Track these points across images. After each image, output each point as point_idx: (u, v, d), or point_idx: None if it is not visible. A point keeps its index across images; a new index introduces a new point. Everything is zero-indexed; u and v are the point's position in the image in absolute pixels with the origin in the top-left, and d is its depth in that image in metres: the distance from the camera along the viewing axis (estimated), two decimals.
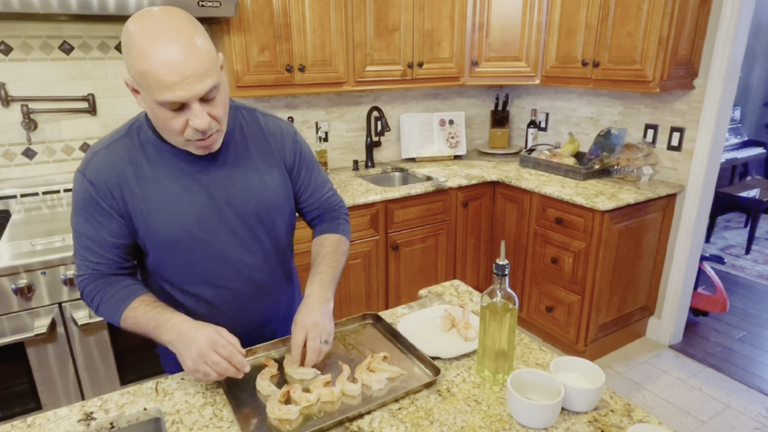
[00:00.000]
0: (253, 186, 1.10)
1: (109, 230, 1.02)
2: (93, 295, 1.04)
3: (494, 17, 2.88)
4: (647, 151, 2.66)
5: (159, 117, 0.92)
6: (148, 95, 0.89)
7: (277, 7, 2.29)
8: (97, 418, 0.94)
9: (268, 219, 1.13)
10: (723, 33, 2.36)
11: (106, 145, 1.02)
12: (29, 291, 1.66)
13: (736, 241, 4.45)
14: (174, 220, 1.02)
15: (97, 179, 0.99)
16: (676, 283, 2.73)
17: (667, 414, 2.31)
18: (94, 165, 1.00)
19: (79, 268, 1.05)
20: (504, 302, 0.99)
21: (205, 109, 0.93)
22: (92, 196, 1.00)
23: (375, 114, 3.02)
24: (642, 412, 0.95)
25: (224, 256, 1.09)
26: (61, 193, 2.23)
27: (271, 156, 1.14)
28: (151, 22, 0.87)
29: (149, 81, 0.87)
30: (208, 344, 0.92)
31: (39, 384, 1.75)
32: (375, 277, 2.60)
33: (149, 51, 0.85)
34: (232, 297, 1.13)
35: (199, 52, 0.88)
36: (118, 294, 1.02)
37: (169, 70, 0.85)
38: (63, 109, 2.20)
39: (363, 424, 0.92)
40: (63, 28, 2.13)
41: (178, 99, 0.88)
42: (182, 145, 0.98)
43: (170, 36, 0.86)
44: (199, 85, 0.89)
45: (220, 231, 1.07)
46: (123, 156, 1.01)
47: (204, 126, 0.92)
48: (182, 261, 1.07)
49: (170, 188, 1.02)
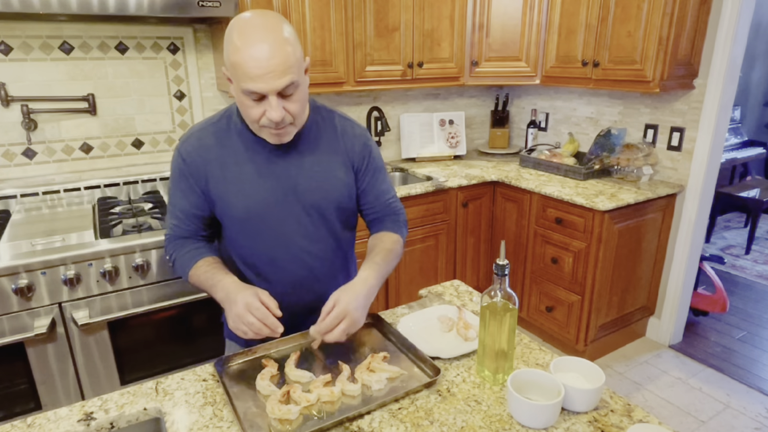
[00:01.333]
0: (318, 179, 1.19)
1: (191, 201, 1.17)
2: (171, 252, 1.21)
3: (494, 17, 2.88)
4: (647, 151, 2.66)
5: (243, 103, 1.05)
6: (237, 84, 1.02)
7: (277, 7, 2.29)
8: (97, 418, 0.94)
9: (328, 212, 1.21)
10: (723, 33, 2.36)
11: (201, 127, 1.17)
12: (29, 291, 1.66)
13: (736, 241, 4.45)
14: (244, 201, 1.14)
15: (188, 157, 1.14)
16: (676, 283, 2.73)
17: (667, 414, 2.31)
18: (188, 144, 1.16)
19: (167, 228, 1.22)
20: (504, 302, 0.99)
21: (282, 103, 1.03)
22: (182, 171, 1.15)
23: (375, 114, 3.01)
24: (642, 412, 0.95)
25: (285, 240, 1.19)
26: (61, 193, 2.23)
27: (340, 155, 1.22)
28: (249, 21, 1.01)
29: (238, 71, 0.99)
30: (244, 306, 1.01)
31: (39, 384, 1.75)
32: None
33: (242, 45, 0.98)
34: (289, 279, 1.22)
35: (283, 51, 0.99)
36: (190, 253, 1.18)
37: (255, 64, 0.98)
38: (63, 109, 2.20)
39: (363, 424, 0.92)
40: (63, 28, 2.13)
41: (258, 90, 1.00)
42: (258, 131, 1.10)
43: (261, 35, 0.99)
44: (278, 80, 1.00)
45: (284, 216, 1.17)
46: (213, 139, 1.15)
47: (277, 118, 1.03)
48: (248, 239, 1.19)
49: (246, 171, 1.14)
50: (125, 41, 2.27)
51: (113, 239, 1.80)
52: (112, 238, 1.80)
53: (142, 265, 1.80)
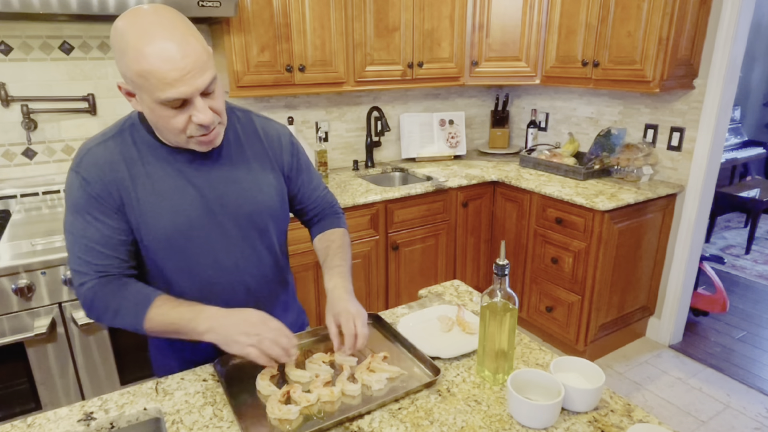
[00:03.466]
0: (246, 188, 1.08)
1: (113, 227, 0.98)
2: (106, 303, 0.97)
3: (494, 17, 2.88)
4: (647, 151, 2.66)
5: (160, 117, 0.91)
6: (148, 95, 0.88)
7: (277, 7, 2.29)
8: (97, 418, 0.94)
9: (261, 222, 1.11)
10: (723, 33, 2.36)
11: (98, 142, 1.00)
12: (29, 291, 1.66)
13: (736, 241, 4.45)
14: (166, 220, 1.00)
15: (92, 176, 0.96)
16: (676, 283, 2.73)
17: (667, 414, 2.31)
18: (87, 162, 0.97)
19: (81, 276, 0.98)
20: (504, 302, 0.99)
21: (207, 102, 0.92)
22: (89, 194, 0.96)
23: (375, 114, 3.01)
24: (642, 412, 0.95)
25: (216, 259, 1.07)
26: (61, 193, 2.23)
27: (266, 159, 1.13)
28: (142, 21, 0.86)
29: (150, 80, 0.85)
30: (259, 319, 0.96)
31: (39, 384, 1.75)
32: (375, 277, 2.60)
33: (146, 50, 0.84)
34: (224, 301, 1.07)
35: (194, 46, 0.88)
36: (137, 295, 0.98)
37: (170, 67, 0.85)
38: (63, 109, 2.20)
39: (363, 424, 0.92)
40: (63, 28, 2.13)
41: (180, 95, 0.87)
42: (184, 143, 0.97)
43: (164, 33, 0.85)
44: (200, 78, 0.88)
45: (213, 232, 1.05)
46: (117, 154, 0.99)
47: (208, 120, 0.92)
48: (175, 262, 1.04)
49: (163, 188, 1.00)
50: None
51: None
52: None
53: None
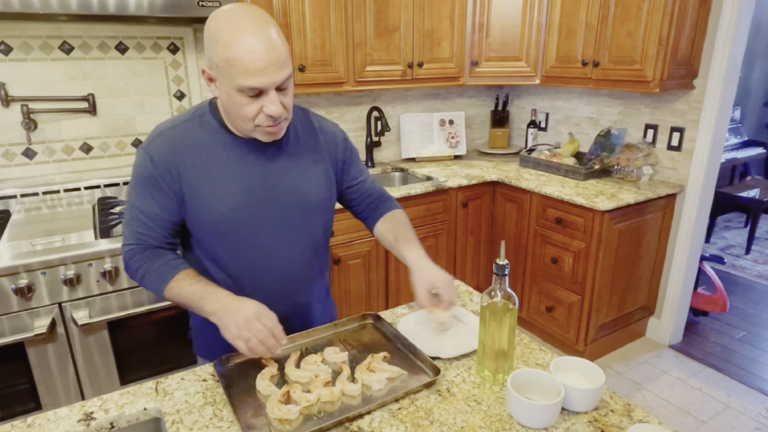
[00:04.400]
0: (299, 180, 1.15)
1: (162, 206, 1.07)
2: (139, 265, 1.09)
3: (494, 17, 2.88)
4: (647, 151, 2.66)
5: (235, 103, 1.00)
6: (229, 81, 0.97)
7: (277, 7, 2.29)
8: (97, 418, 0.94)
9: (309, 213, 1.18)
10: (723, 33, 2.36)
11: (170, 126, 1.09)
12: (29, 291, 1.66)
13: (736, 241, 4.45)
14: (221, 204, 1.08)
15: (158, 158, 1.05)
16: (676, 283, 2.73)
17: (667, 414, 2.31)
18: (157, 144, 1.07)
19: (127, 238, 1.10)
20: (504, 302, 0.99)
21: (279, 97, 1.00)
22: (151, 173, 1.06)
23: (375, 114, 3.01)
24: (642, 412, 0.95)
25: (263, 244, 1.14)
26: (61, 193, 2.23)
27: (319, 154, 1.20)
28: (236, 16, 0.96)
29: (234, 67, 0.94)
30: (254, 313, 0.98)
31: (39, 384, 1.75)
32: (375, 277, 2.60)
33: (237, 40, 0.94)
34: (266, 285, 1.17)
35: (278, 44, 0.97)
36: (166, 266, 1.08)
37: (255, 58, 0.94)
38: (63, 109, 2.20)
39: (363, 424, 0.92)
40: (63, 28, 2.13)
41: (258, 85, 0.96)
42: (250, 131, 1.05)
43: (255, 28, 0.95)
44: (279, 73, 0.97)
45: (263, 218, 1.12)
46: (185, 139, 1.08)
47: (278, 112, 1.00)
48: (223, 244, 1.12)
49: (223, 172, 1.08)
50: (125, 41, 2.27)
51: (113, 239, 1.80)
52: (112, 238, 1.80)
53: None
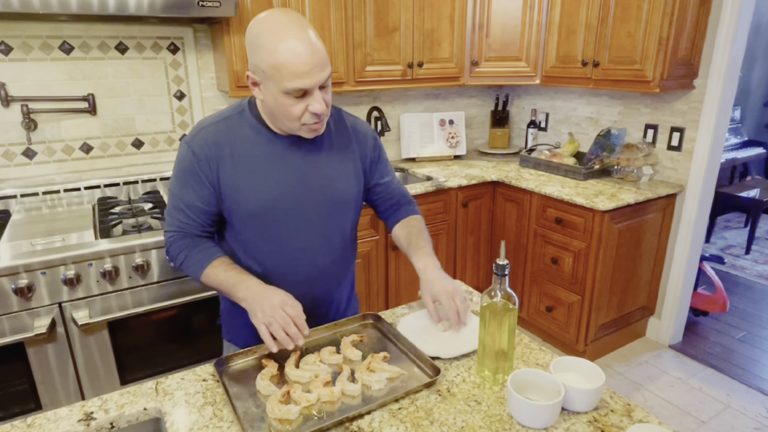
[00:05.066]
0: (331, 175, 1.20)
1: (201, 197, 1.14)
2: (179, 251, 1.17)
3: (494, 17, 2.88)
4: (647, 151, 2.66)
5: (282, 105, 1.05)
6: (276, 85, 1.02)
7: (277, 7, 2.28)
8: (97, 418, 0.94)
9: (340, 207, 1.23)
10: (723, 33, 2.36)
11: (212, 122, 1.16)
12: (29, 291, 1.66)
13: (736, 241, 4.45)
14: (257, 196, 1.14)
15: (200, 151, 1.12)
16: (676, 283, 2.73)
17: (667, 414, 2.31)
18: (199, 138, 1.13)
19: (169, 225, 1.18)
20: (504, 302, 0.99)
21: (322, 95, 1.06)
22: (192, 165, 1.12)
23: (375, 114, 3.01)
24: (642, 412, 0.95)
25: (295, 237, 1.19)
26: (61, 193, 2.23)
27: (351, 152, 1.25)
28: (276, 22, 1.02)
29: (281, 72, 1.00)
30: (280, 302, 1.04)
31: (39, 384, 1.75)
32: (375, 277, 2.60)
33: (280, 46, 0.99)
34: (294, 276, 1.22)
35: (318, 45, 1.03)
36: (203, 252, 1.16)
37: (300, 62, 0.99)
38: (63, 109, 2.20)
39: (363, 424, 0.92)
40: (63, 28, 2.13)
41: (305, 86, 1.02)
42: (296, 130, 1.11)
43: (296, 33, 1.00)
44: (322, 73, 1.03)
45: (296, 212, 1.17)
46: (225, 134, 1.14)
47: (322, 109, 1.06)
48: (258, 234, 1.18)
49: (261, 166, 1.14)
50: (125, 41, 2.27)
51: (113, 239, 1.80)
52: (112, 238, 1.80)
53: (142, 265, 1.80)
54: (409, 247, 1.29)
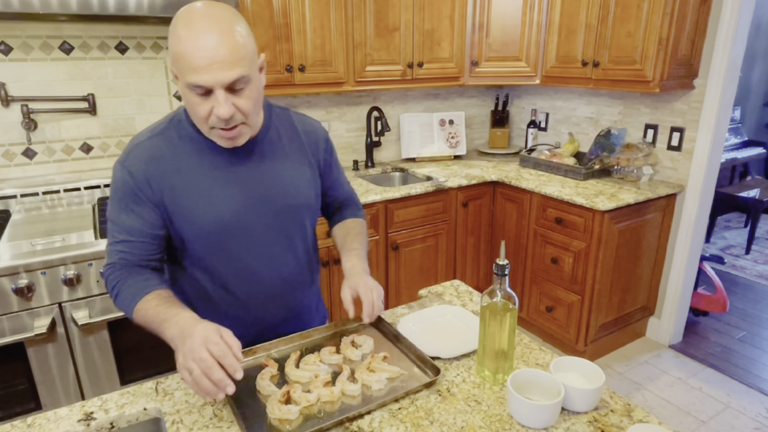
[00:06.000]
0: (286, 183, 1.13)
1: (145, 220, 1.03)
2: (114, 284, 1.03)
3: (494, 17, 2.88)
4: (647, 151, 2.66)
5: (188, 102, 0.96)
6: (182, 79, 0.94)
7: (277, 7, 2.29)
8: (97, 418, 0.94)
9: (298, 216, 1.16)
10: (723, 33, 2.36)
11: (147, 137, 1.05)
12: (29, 291, 1.66)
13: (736, 241, 4.44)
14: (211, 212, 1.05)
15: (137, 171, 1.02)
16: (676, 283, 2.73)
17: (667, 414, 2.31)
18: (134, 157, 1.03)
19: (109, 256, 1.05)
20: (504, 302, 0.99)
21: (231, 99, 0.95)
22: (130, 187, 1.02)
23: (375, 114, 3.01)
24: (642, 412, 0.95)
25: (255, 251, 1.12)
26: (61, 193, 2.23)
27: (304, 154, 1.18)
28: (192, 11, 0.93)
29: (181, 63, 0.91)
30: (201, 340, 0.85)
31: (39, 384, 1.75)
32: (375, 277, 2.59)
33: (186, 35, 0.90)
34: (262, 291, 1.15)
35: (231, 42, 0.92)
36: (137, 285, 1.00)
37: (198, 54, 0.90)
38: (63, 109, 2.20)
39: (363, 424, 0.92)
40: (63, 28, 2.13)
41: (203, 83, 0.91)
42: (207, 132, 1.01)
43: (205, 24, 0.91)
44: (225, 72, 0.91)
45: (253, 226, 1.10)
46: (163, 149, 1.04)
47: (225, 115, 0.94)
48: (216, 253, 1.09)
49: (207, 181, 1.05)
50: (125, 41, 2.27)
51: None
52: None
53: None
54: (342, 247, 1.24)
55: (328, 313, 1.42)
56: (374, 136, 3.07)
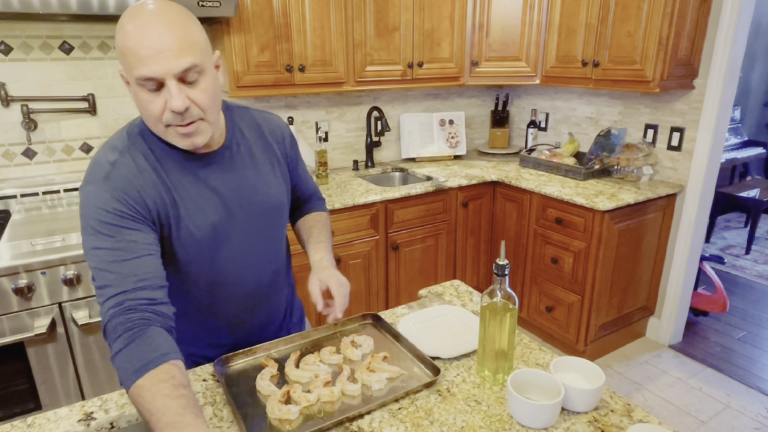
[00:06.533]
0: (259, 186, 1.11)
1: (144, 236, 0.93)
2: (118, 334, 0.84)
3: (494, 17, 2.88)
4: (647, 151, 2.66)
5: (140, 100, 0.91)
6: (130, 76, 0.89)
7: (277, 7, 2.29)
8: (97, 418, 0.94)
9: (275, 217, 1.15)
10: (723, 33, 2.36)
11: (117, 156, 0.96)
12: (29, 291, 1.66)
13: (736, 241, 4.44)
14: (192, 225, 1.01)
15: (120, 190, 0.93)
16: (676, 283, 2.73)
17: (667, 414, 2.31)
18: (115, 174, 0.94)
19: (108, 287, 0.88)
20: (504, 302, 0.99)
21: (185, 91, 0.90)
22: (117, 211, 0.92)
23: (375, 114, 3.01)
24: (642, 412, 0.95)
25: (239, 258, 1.10)
26: (61, 193, 2.23)
27: (272, 154, 1.16)
28: (139, 8, 0.89)
29: (127, 57, 0.87)
30: None
31: (39, 384, 1.75)
32: (375, 277, 2.60)
33: (128, 27, 0.87)
34: (244, 296, 1.14)
35: (178, 31, 0.88)
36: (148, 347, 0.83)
37: (144, 44, 0.85)
38: (63, 109, 2.20)
39: (363, 424, 0.92)
40: (63, 28, 2.13)
41: (151, 74, 0.86)
42: (163, 134, 0.95)
43: (151, 17, 0.87)
44: (174, 61, 0.87)
45: (235, 233, 1.08)
46: (141, 161, 0.97)
47: (179, 107, 0.88)
48: (200, 263, 1.06)
49: (186, 194, 1.01)
50: None
51: None
52: None
53: None
54: (309, 240, 1.23)
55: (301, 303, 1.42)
56: (374, 136, 3.07)
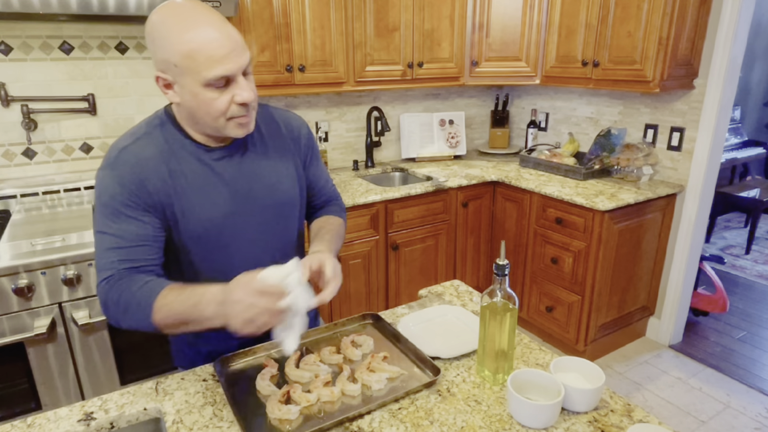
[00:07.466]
0: (272, 180, 1.12)
1: (143, 223, 0.98)
2: (116, 298, 0.94)
3: (494, 17, 2.88)
4: (647, 151, 2.66)
5: (204, 101, 0.94)
6: (193, 78, 0.92)
7: (277, 7, 2.29)
8: (97, 418, 0.94)
9: (286, 212, 1.16)
10: (723, 33, 2.36)
11: (132, 141, 1.01)
12: (29, 291, 1.66)
13: (736, 241, 4.44)
14: (200, 215, 1.03)
15: (129, 175, 0.97)
16: (676, 283, 2.73)
17: (667, 414, 2.31)
18: (123, 162, 0.98)
19: (103, 270, 0.96)
20: (504, 302, 0.99)
21: (247, 82, 0.97)
22: (123, 194, 0.97)
23: (375, 114, 3.01)
24: (642, 412, 0.95)
25: (246, 250, 1.11)
26: (61, 193, 2.23)
27: (287, 151, 1.17)
28: (180, 10, 0.92)
29: (197, 60, 0.90)
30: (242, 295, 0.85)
31: (39, 384, 1.75)
32: (375, 277, 2.60)
33: (191, 33, 0.89)
34: None
35: (231, 29, 0.94)
36: (146, 287, 0.94)
37: (217, 45, 0.90)
38: (63, 109, 2.20)
39: (363, 424, 0.92)
40: (63, 28, 2.13)
41: (227, 72, 0.92)
42: (222, 128, 0.99)
43: (204, 19, 0.91)
44: (243, 56, 0.94)
45: (243, 225, 1.09)
46: (151, 151, 1.00)
47: (251, 97, 0.96)
48: (207, 254, 1.08)
49: (196, 184, 1.03)
50: (125, 41, 2.27)
51: None
52: None
53: None
54: (316, 236, 1.19)
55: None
56: (374, 136, 3.07)
